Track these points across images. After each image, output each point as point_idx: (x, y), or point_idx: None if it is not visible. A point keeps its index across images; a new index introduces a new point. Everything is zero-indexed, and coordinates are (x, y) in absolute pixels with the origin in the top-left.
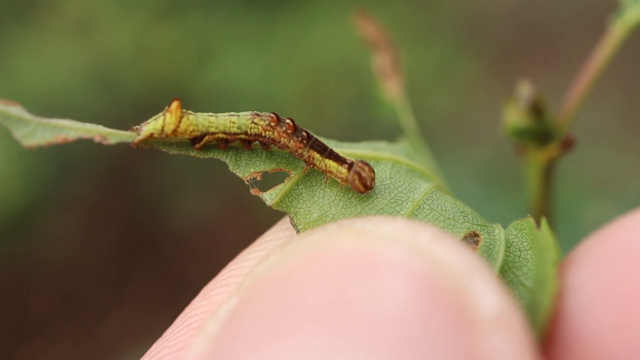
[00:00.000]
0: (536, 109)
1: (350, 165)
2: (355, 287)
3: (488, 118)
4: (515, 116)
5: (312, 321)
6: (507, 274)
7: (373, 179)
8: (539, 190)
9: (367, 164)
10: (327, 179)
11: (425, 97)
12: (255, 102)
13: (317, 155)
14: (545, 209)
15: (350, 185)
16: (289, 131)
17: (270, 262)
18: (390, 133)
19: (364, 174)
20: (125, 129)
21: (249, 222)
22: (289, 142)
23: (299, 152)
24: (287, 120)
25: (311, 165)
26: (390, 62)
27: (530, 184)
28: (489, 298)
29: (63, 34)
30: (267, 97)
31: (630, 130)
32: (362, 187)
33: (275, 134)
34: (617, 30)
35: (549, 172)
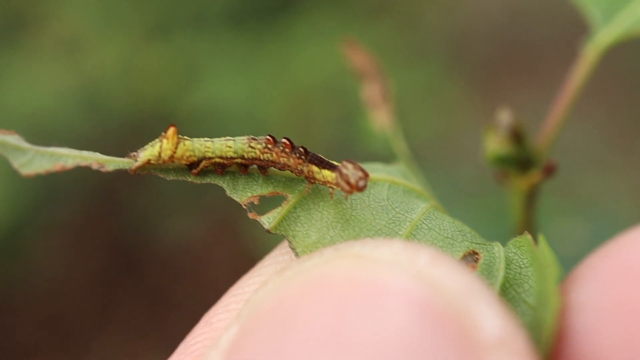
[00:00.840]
0: (516, 136)
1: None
2: (354, 315)
3: (474, 137)
4: (495, 143)
5: (312, 352)
6: (508, 291)
7: (360, 178)
8: (522, 216)
9: (352, 162)
10: (332, 192)
11: (411, 118)
12: (241, 122)
13: (315, 168)
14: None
15: (342, 190)
16: (286, 150)
17: (268, 290)
18: (376, 153)
19: (344, 171)
20: (113, 151)
21: (234, 245)
22: (289, 160)
23: (299, 168)
24: (284, 140)
25: (312, 180)
26: (380, 92)
27: (513, 211)
28: (491, 320)
29: (49, 56)
30: (253, 117)
31: (612, 147)
32: (345, 184)
33: (274, 155)
34: (590, 53)
35: (531, 198)
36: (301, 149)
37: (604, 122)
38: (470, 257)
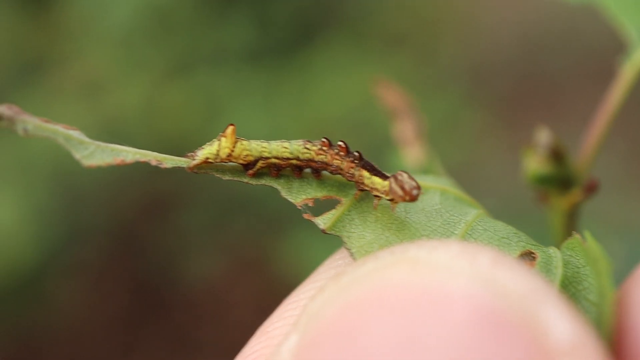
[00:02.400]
0: (557, 155)
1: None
2: (418, 324)
3: (495, 168)
4: (535, 163)
5: None
6: (567, 289)
7: (414, 187)
8: (564, 236)
9: (407, 172)
10: (377, 202)
11: (432, 149)
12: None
13: (365, 174)
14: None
15: (393, 197)
16: (341, 153)
17: (327, 297)
18: None
19: (400, 177)
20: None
21: (258, 284)
22: (342, 163)
23: (350, 172)
24: (340, 143)
25: (360, 185)
26: (412, 129)
27: (554, 231)
28: (561, 324)
29: (70, 95)
30: None
31: (636, 178)
32: (399, 189)
33: (328, 157)
34: (628, 72)
35: (572, 218)
36: (356, 153)
37: (627, 153)
38: (527, 257)
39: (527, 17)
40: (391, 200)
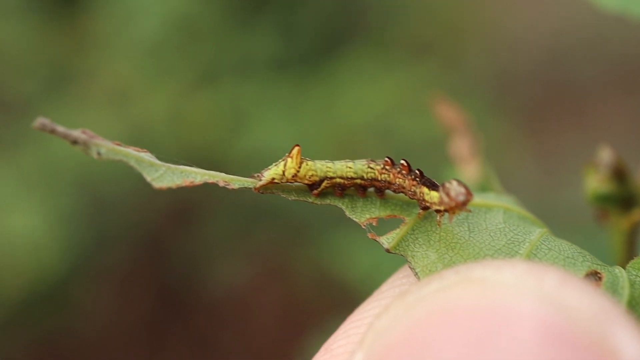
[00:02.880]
0: (618, 174)
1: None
2: (487, 347)
3: (521, 176)
4: (596, 182)
5: None
6: (635, 309)
7: (460, 193)
8: (624, 256)
9: (457, 180)
10: (439, 218)
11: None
12: None
13: (425, 190)
14: None
15: (445, 207)
16: (403, 172)
17: (393, 316)
18: None
19: (447, 184)
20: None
21: (282, 291)
22: (404, 181)
23: (412, 190)
24: (402, 162)
25: (422, 202)
26: (468, 147)
27: (614, 250)
28: (631, 345)
29: (98, 105)
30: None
31: None
32: (445, 197)
33: (391, 176)
34: None
35: (633, 237)
36: (417, 171)
37: None
38: (593, 277)
39: (554, 24)
40: (447, 211)
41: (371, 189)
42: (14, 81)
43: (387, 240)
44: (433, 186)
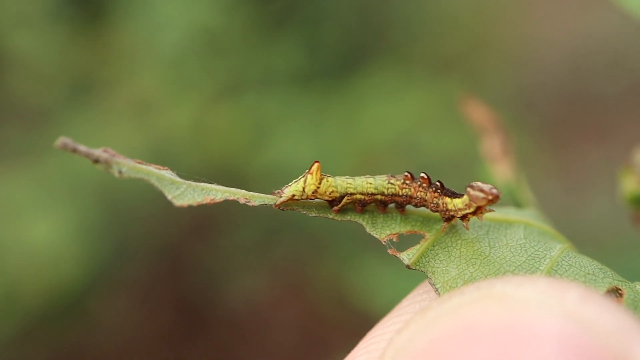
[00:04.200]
0: None
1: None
2: None
3: (545, 192)
4: (633, 183)
5: None
6: None
7: (493, 187)
8: None
9: (475, 182)
10: (467, 224)
11: (479, 174)
12: None
13: (447, 200)
14: None
15: (477, 205)
16: (424, 185)
17: (413, 331)
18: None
19: (475, 185)
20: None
21: (300, 306)
22: (426, 194)
23: (434, 202)
24: (422, 174)
25: (445, 212)
26: (500, 146)
27: None
28: None
29: (122, 116)
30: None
31: None
32: (480, 193)
33: (412, 190)
34: None
35: None
36: (437, 183)
37: None
38: (614, 293)
39: (577, 41)
40: (475, 213)
41: (391, 205)
42: (38, 92)
43: (407, 257)
44: (454, 195)
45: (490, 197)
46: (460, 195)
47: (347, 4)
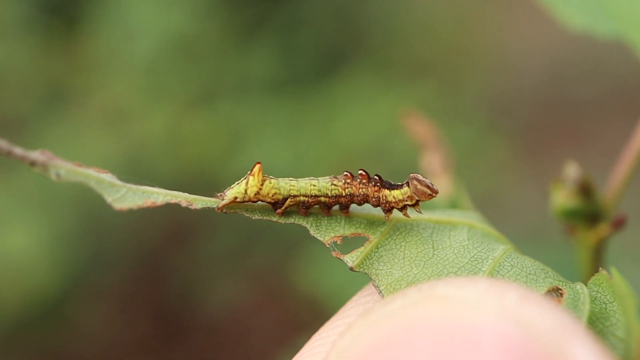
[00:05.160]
0: (585, 190)
1: (407, 183)
2: None
3: (519, 197)
4: (563, 197)
5: None
6: (595, 324)
7: (432, 183)
8: (591, 270)
9: (415, 174)
10: (405, 211)
11: (459, 181)
12: None
13: (386, 192)
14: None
15: (416, 198)
16: (364, 181)
17: (355, 334)
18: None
19: (420, 177)
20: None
21: (280, 312)
22: (367, 190)
23: (375, 196)
24: (360, 172)
25: (386, 205)
26: (440, 161)
27: (581, 265)
28: (587, 359)
29: (96, 124)
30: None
31: None
32: (425, 188)
33: (354, 188)
34: None
35: (599, 252)
36: (376, 177)
37: None
38: (555, 293)
39: (554, 47)
40: (414, 205)
41: (335, 208)
42: (11, 100)
43: (351, 259)
44: (392, 187)
45: (434, 194)
46: (398, 187)
47: (324, 10)
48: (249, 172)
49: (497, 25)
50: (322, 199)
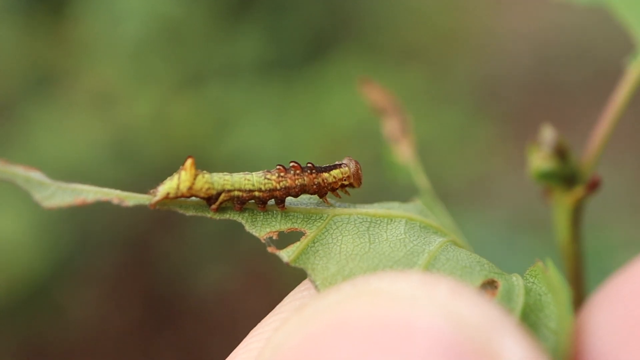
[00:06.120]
0: (560, 153)
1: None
2: (379, 357)
3: (508, 180)
4: (539, 160)
5: None
6: (529, 316)
7: (354, 163)
8: (569, 233)
9: (348, 159)
10: (338, 192)
11: (442, 164)
12: (274, 166)
13: (325, 175)
14: (576, 252)
15: (351, 179)
16: (297, 172)
17: (288, 330)
18: (406, 194)
19: (357, 165)
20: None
21: (269, 296)
22: (304, 180)
23: (315, 182)
24: (292, 163)
25: (325, 187)
26: (399, 127)
27: (558, 228)
28: (514, 352)
29: (83, 108)
30: (286, 161)
31: None
32: (360, 173)
33: (289, 180)
34: (634, 71)
35: (577, 214)
36: (309, 165)
37: (635, 166)
38: (489, 286)
39: (542, 31)
40: (350, 185)
41: (271, 202)
42: None
43: (287, 254)
44: (329, 168)
45: (358, 186)
46: (334, 167)
47: None
48: (181, 166)
49: (486, 10)
50: (257, 193)
